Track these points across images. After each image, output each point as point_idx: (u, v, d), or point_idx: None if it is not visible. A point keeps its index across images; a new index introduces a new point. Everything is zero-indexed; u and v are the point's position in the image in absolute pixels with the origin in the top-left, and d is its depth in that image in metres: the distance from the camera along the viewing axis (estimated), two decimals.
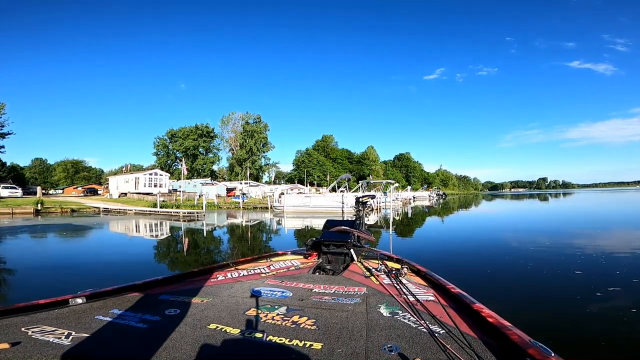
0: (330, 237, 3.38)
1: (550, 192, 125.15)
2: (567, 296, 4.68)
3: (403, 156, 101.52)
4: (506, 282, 5.59)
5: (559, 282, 5.38)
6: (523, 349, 1.28)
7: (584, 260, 6.76)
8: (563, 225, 14.43)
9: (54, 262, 7.73)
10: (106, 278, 5.91)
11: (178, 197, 32.21)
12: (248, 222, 18.76)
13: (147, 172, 38.14)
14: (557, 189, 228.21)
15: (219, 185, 45.61)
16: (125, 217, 21.75)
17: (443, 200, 57.03)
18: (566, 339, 3.30)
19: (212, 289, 2.40)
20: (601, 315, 3.94)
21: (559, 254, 7.56)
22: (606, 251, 7.60)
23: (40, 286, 5.64)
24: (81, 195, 43.25)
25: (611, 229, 12.79)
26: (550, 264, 6.51)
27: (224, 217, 22.87)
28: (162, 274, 2.61)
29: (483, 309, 1.75)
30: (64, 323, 1.70)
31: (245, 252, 9.38)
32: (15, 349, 1.37)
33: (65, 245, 10.81)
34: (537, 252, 7.85)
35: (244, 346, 1.48)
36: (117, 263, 7.69)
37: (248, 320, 1.77)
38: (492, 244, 9.60)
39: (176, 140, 62.72)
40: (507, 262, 7.02)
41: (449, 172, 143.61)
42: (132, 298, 2.15)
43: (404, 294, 2.12)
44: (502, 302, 4.06)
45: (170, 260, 8.67)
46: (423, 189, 79.00)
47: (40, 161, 76.94)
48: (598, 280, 5.28)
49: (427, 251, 8.78)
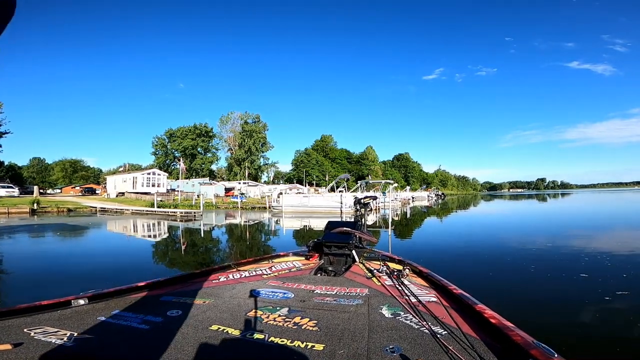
0: (332, 238, 3.36)
1: (548, 193, 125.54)
2: (574, 299, 4.55)
3: (402, 156, 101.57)
4: (508, 284, 5.48)
5: (564, 285, 5.26)
6: (526, 350, 1.26)
7: (589, 262, 6.64)
8: (564, 225, 14.35)
9: (41, 264, 7.55)
10: (92, 281, 5.75)
11: (176, 197, 32.07)
12: (246, 222, 18.64)
13: (145, 172, 37.95)
14: (555, 190, 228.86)
15: (217, 185, 45.46)
16: (122, 217, 21.61)
17: (442, 201, 57.00)
18: (574, 345, 3.19)
19: (214, 290, 2.41)
20: (612, 320, 3.83)
21: (562, 255, 7.47)
22: (610, 253, 7.49)
23: (21, 289, 5.50)
24: (79, 195, 43.03)
25: (612, 229, 12.71)
26: (554, 266, 6.40)
27: (222, 217, 22.75)
28: (158, 276, 2.56)
29: (485, 310, 1.73)
30: (66, 324, 1.70)
31: (243, 253, 9.26)
32: (17, 350, 1.37)
33: (57, 245, 10.64)
34: (539, 253, 7.75)
35: (246, 347, 1.48)
36: (108, 265, 7.49)
37: (249, 321, 1.77)
38: (492, 245, 9.50)
39: (175, 140, 62.55)
40: (509, 263, 6.91)
41: (447, 173, 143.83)
42: (134, 299, 2.15)
43: (405, 295, 2.11)
44: (505, 305, 3.94)
45: (167, 261, 8.55)
46: (422, 189, 79.00)
47: (38, 160, 76.62)
48: (605, 283, 5.14)
49: (426, 252, 8.67)
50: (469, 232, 13.14)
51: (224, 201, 35.27)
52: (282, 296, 2.23)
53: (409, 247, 9.95)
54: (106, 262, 7.82)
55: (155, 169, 40.71)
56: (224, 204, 33.71)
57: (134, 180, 36.38)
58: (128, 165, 55.21)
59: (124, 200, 31.58)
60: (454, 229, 15.50)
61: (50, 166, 73.80)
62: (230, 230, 15.72)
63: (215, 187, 42.60)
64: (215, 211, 28.01)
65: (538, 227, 14.16)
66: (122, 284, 2.29)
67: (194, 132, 62.87)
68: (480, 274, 5.97)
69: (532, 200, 47.25)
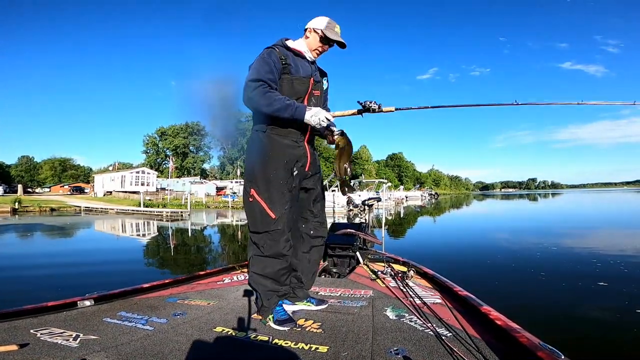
0: (336, 240, 3.35)
1: (539, 193, 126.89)
2: (602, 317, 3.87)
3: (396, 156, 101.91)
4: (504, 283, 5.13)
5: (587, 300, 4.48)
6: (532, 352, 1.24)
7: (591, 259, 6.31)
8: (563, 225, 14.15)
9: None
10: (37, 290, 5.05)
11: (165, 196, 31.40)
12: (235, 222, 18.17)
13: (134, 171, 37.24)
14: (546, 189, 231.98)
15: (208, 184, 44.85)
16: (106, 217, 20.98)
17: (435, 200, 57.02)
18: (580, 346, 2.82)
19: (219, 291, 2.42)
20: (626, 322, 3.49)
21: (562, 255, 7.16)
22: (624, 256, 6.85)
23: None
24: (67, 194, 42.12)
25: (613, 229, 12.50)
26: (563, 271, 5.96)
27: (211, 216, 22.23)
28: (132, 284, 2.40)
29: (491, 311, 1.69)
30: (72, 325, 1.70)
31: (231, 257, 8.82)
32: (23, 350, 1.38)
33: (15, 248, 10.00)
34: (541, 254, 7.44)
35: (250, 349, 1.48)
36: (67, 269, 6.68)
37: (254, 323, 1.78)
38: (489, 245, 9.20)
39: (166, 139, 61.66)
40: (504, 262, 6.58)
41: (441, 172, 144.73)
42: (140, 301, 2.17)
43: (410, 297, 2.10)
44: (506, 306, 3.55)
45: (142, 267, 8.05)
46: (415, 188, 79.19)
47: (27, 159, 75.16)
48: (631, 294, 4.49)
49: (426, 251, 8.33)
50: (462, 233, 12.87)
51: (215, 200, 34.65)
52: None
53: (406, 247, 9.60)
54: (61, 264, 7.01)
55: (144, 168, 40.03)
56: (214, 203, 33.09)
57: (122, 179, 35.62)
58: (118, 164, 54.28)
59: (111, 200, 30.84)
60: (448, 229, 15.23)
61: (39, 165, 72.40)
62: (213, 230, 15.25)
63: (206, 186, 41.99)
64: (205, 210, 27.44)
65: (533, 227, 13.94)
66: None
67: (185, 130, 62.09)
68: (479, 273, 5.64)
69: (523, 200, 47.41)
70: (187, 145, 62.38)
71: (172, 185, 36.86)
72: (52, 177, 67.49)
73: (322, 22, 1.92)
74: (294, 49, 1.91)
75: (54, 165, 69.44)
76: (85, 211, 24.32)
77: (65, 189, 50.09)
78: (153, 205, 25.07)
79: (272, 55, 1.79)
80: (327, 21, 1.92)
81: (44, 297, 2.15)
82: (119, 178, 36.00)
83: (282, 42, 1.91)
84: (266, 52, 1.81)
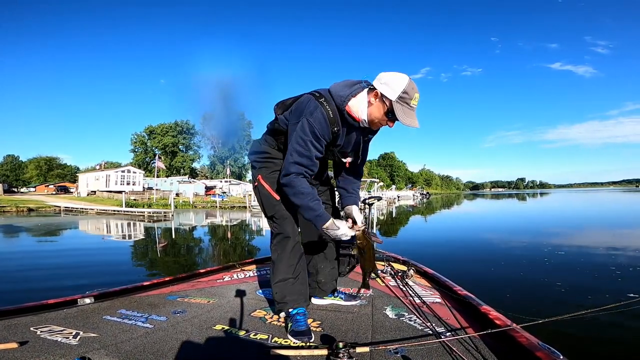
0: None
1: (528, 192, 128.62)
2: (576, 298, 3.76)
3: (387, 155, 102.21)
4: (499, 280, 4.75)
5: (563, 282, 4.51)
6: (531, 352, 1.24)
7: (578, 258, 6.00)
8: (560, 225, 13.97)
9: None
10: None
11: (152, 195, 30.55)
12: (221, 223, 17.55)
13: (120, 170, 36.22)
14: (534, 189, 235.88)
15: (197, 183, 43.99)
16: (85, 217, 20.10)
17: (427, 200, 57.03)
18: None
19: (218, 289, 2.40)
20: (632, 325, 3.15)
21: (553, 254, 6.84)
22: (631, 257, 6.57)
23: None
24: (52, 194, 40.79)
25: (614, 230, 12.30)
26: (546, 261, 5.71)
27: (198, 217, 21.56)
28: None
29: (491, 311, 1.68)
30: (72, 323, 1.70)
31: (205, 262, 8.28)
32: (23, 348, 1.38)
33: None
34: (535, 252, 7.11)
35: (250, 347, 1.48)
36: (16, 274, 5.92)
37: (254, 321, 1.77)
38: (485, 245, 8.86)
39: (155, 137, 60.46)
40: (502, 262, 6.22)
41: (432, 172, 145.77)
42: (140, 298, 2.17)
43: (410, 296, 2.10)
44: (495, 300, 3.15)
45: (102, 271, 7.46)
46: (407, 188, 79.43)
47: (12, 158, 73.36)
48: (628, 289, 4.29)
49: (424, 251, 7.93)
50: (455, 232, 12.58)
51: (203, 200, 33.88)
52: None
53: (400, 245, 9.19)
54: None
55: (130, 167, 38.98)
56: (202, 203, 32.31)
57: (107, 178, 34.59)
58: (104, 163, 52.92)
59: (95, 199, 29.88)
60: (440, 229, 14.93)
61: (24, 164, 70.63)
62: (201, 232, 14.63)
63: (195, 186, 41.14)
64: (193, 210, 26.72)
65: (523, 226, 13.73)
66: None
67: (175, 129, 61.07)
68: (475, 273, 5.27)
69: (512, 200, 47.67)
70: (176, 144, 61.33)
71: (160, 185, 35.99)
72: (38, 177, 65.89)
73: (397, 88, 1.43)
74: (352, 115, 1.54)
75: (39, 164, 67.73)
76: (65, 211, 23.32)
77: (51, 189, 48.74)
78: (137, 205, 24.28)
79: (324, 127, 1.50)
80: (403, 88, 1.43)
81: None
82: (103, 177, 34.91)
83: (341, 102, 1.52)
84: (318, 120, 1.49)
